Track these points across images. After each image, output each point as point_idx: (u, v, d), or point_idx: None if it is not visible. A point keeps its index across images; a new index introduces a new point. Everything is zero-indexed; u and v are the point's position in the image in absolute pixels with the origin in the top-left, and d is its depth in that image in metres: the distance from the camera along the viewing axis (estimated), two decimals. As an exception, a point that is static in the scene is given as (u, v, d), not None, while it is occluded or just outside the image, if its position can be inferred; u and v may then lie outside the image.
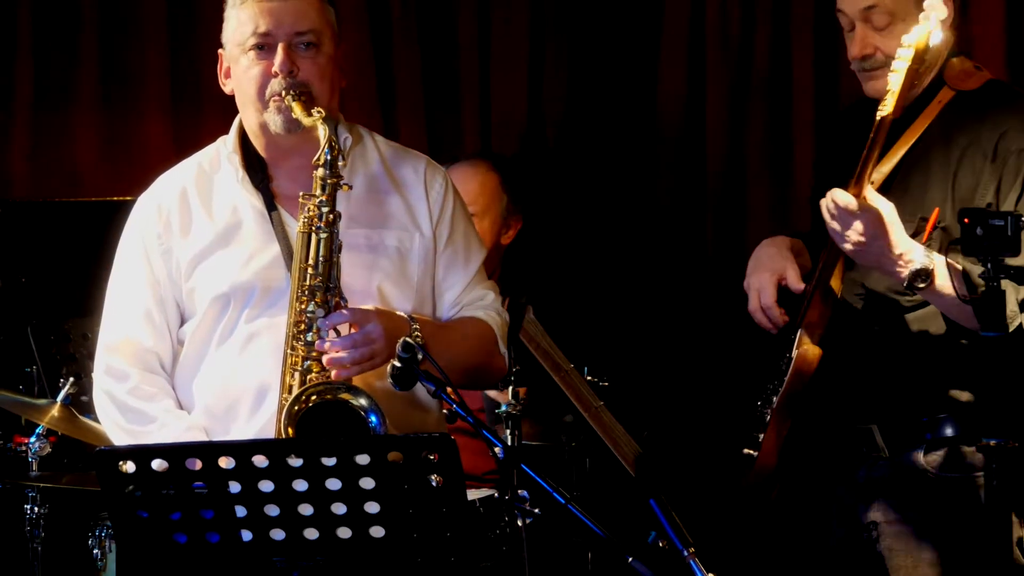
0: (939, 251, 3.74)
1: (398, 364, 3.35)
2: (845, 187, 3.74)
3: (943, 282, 3.68)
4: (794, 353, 3.94)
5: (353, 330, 3.58)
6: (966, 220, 3.39)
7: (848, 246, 3.74)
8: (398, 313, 3.68)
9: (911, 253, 3.70)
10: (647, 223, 6.18)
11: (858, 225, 3.69)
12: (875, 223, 3.69)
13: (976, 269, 3.54)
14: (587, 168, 6.27)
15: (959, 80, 3.92)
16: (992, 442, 3.34)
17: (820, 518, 4.12)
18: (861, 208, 3.68)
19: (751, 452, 4.07)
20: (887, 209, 3.71)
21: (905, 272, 3.71)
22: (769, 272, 4.04)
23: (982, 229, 3.36)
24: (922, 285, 3.70)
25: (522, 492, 4.42)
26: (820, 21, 5.89)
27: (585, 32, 6.27)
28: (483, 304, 3.88)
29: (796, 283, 3.99)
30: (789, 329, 4.01)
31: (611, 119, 6.27)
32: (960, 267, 3.62)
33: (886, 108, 3.69)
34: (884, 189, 3.81)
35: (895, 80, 3.68)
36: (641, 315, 6.09)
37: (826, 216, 3.75)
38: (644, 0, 6.21)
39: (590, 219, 6.26)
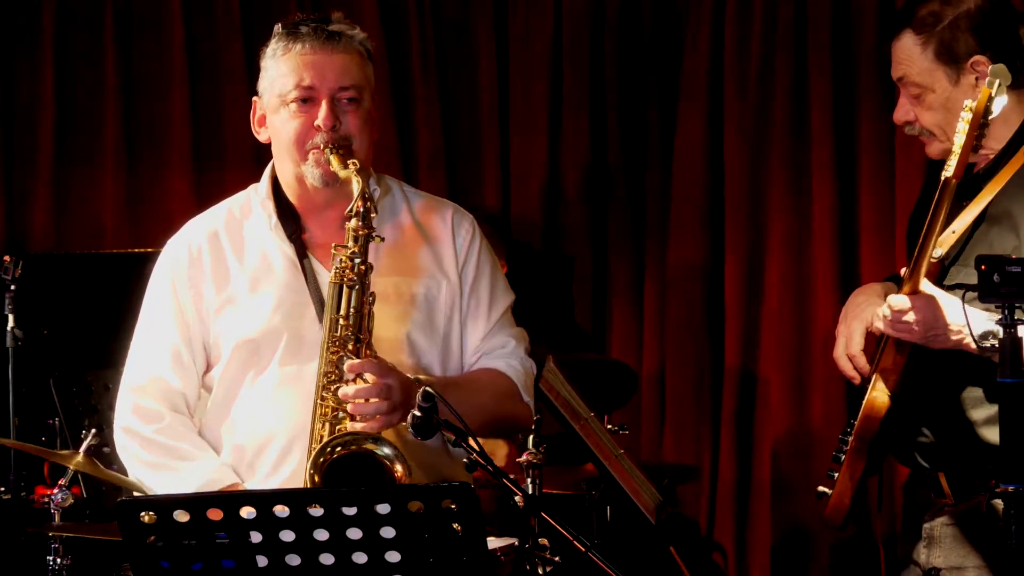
0: None
1: (418, 414, 3.36)
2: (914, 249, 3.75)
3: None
4: (864, 399, 3.94)
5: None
6: (983, 267, 3.37)
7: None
8: (407, 375, 3.65)
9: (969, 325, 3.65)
10: (667, 266, 6.22)
11: (912, 316, 3.69)
12: (926, 309, 3.69)
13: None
14: (607, 214, 6.32)
15: None
16: (1010, 488, 3.33)
17: (885, 563, 4.10)
18: (918, 302, 3.68)
19: (825, 490, 4.06)
20: (937, 295, 3.70)
21: (973, 345, 3.67)
22: (859, 321, 4.00)
23: (999, 276, 3.34)
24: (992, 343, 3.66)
25: (543, 540, 4.43)
26: (837, 68, 5.93)
27: (604, 83, 6.31)
28: (504, 352, 3.86)
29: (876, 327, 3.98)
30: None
31: (630, 167, 6.30)
32: None
33: (949, 169, 3.61)
34: (966, 237, 3.79)
35: (958, 141, 3.59)
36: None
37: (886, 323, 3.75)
38: (663, 49, 6.26)
39: (609, 263, 6.31)
